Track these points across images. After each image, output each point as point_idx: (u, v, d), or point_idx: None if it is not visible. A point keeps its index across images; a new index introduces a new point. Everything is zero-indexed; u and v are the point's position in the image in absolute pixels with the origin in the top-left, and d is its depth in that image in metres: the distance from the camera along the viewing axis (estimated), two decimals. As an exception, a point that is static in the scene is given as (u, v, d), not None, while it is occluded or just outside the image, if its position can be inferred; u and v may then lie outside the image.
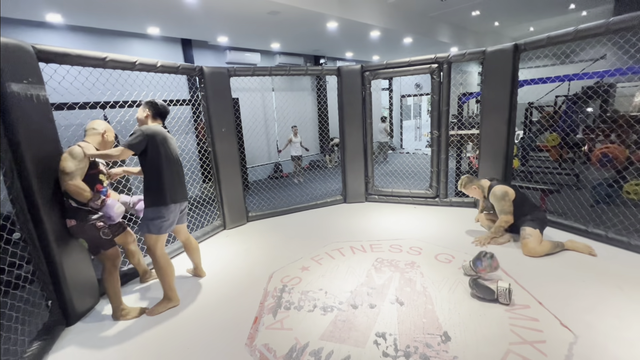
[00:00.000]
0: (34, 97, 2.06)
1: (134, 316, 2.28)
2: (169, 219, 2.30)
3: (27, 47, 2.07)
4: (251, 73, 3.93)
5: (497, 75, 3.63)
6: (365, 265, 2.85)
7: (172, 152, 2.33)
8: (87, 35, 5.20)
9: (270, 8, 4.83)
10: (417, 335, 1.94)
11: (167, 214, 2.28)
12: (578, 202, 3.66)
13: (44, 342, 2.01)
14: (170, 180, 2.28)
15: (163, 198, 2.24)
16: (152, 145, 2.18)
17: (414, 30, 7.38)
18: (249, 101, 7.02)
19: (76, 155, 2.08)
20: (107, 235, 2.21)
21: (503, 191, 3.01)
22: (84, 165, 2.12)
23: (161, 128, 2.30)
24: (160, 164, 2.22)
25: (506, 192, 3.01)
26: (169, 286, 2.35)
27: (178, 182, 2.35)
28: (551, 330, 1.92)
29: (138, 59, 2.79)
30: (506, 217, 3.01)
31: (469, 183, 3.27)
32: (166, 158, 2.25)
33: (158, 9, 4.54)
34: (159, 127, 2.30)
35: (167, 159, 2.26)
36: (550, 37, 3.12)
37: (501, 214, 3.04)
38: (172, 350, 1.98)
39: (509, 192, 3.01)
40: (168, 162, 2.26)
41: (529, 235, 2.85)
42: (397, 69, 4.24)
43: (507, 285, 2.16)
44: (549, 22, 9.39)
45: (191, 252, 2.74)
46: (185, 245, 2.70)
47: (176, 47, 6.41)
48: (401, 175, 6.02)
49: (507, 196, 2.99)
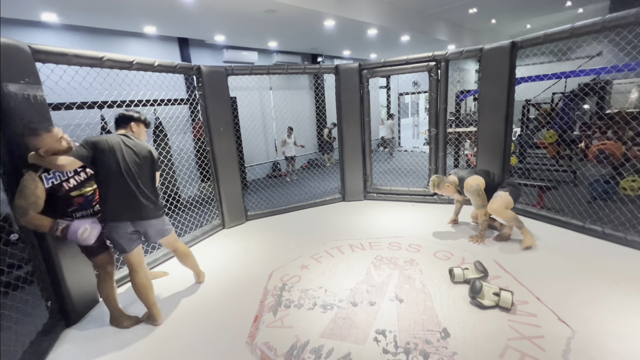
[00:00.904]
0: (31, 98, 2.05)
1: (125, 326, 2.19)
2: (121, 237, 2.06)
3: (24, 47, 2.06)
4: (249, 72, 3.92)
5: (494, 72, 3.64)
6: (364, 263, 2.86)
7: (124, 164, 2.01)
8: (84, 35, 5.17)
9: (267, 6, 4.82)
10: (416, 332, 1.96)
11: (115, 231, 2.05)
12: (575, 198, 3.69)
13: (44, 343, 2.01)
14: (116, 195, 2.01)
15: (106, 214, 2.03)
16: (97, 156, 1.95)
17: (411, 28, 7.38)
18: (247, 100, 7.01)
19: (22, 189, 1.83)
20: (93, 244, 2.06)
21: (476, 186, 3.03)
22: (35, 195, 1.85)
23: (113, 137, 2.04)
24: (105, 176, 1.99)
25: (478, 185, 3.04)
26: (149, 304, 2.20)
27: (128, 198, 2.03)
28: (549, 325, 1.94)
29: (135, 59, 2.78)
30: (483, 211, 3.06)
31: (441, 182, 3.23)
32: (109, 170, 1.98)
33: (155, 8, 4.51)
34: (111, 136, 2.06)
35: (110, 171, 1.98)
36: (547, 35, 3.14)
37: (478, 208, 3.09)
38: (173, 349, 1.99)
39: (481, 183, 3.06)
40: (114, 175, 1.99)
41: (497, 196, 2.99)
42: (395, 67, 4.24)
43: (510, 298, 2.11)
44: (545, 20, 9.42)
45: (181, 259, 2.55)
46: (174, 253, 2.52)
47: (173, 46, 6.38)
48: (399, 173, 6.03)
49: (480, 190, 3.04)
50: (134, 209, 2.06)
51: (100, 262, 2.17)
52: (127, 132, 2.18)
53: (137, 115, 2.25)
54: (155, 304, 2.22)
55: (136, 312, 2.32)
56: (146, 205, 2.10)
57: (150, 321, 2.23)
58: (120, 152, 2.02)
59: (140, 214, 2.08)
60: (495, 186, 3.12)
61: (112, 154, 1.98)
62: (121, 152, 2.02)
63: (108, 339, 2.11)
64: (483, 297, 2.15)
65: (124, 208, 2.03)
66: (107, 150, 1.97)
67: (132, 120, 2.22)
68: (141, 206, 2.08)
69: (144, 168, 2.11)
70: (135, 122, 2.23)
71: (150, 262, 3.05)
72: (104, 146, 1.97)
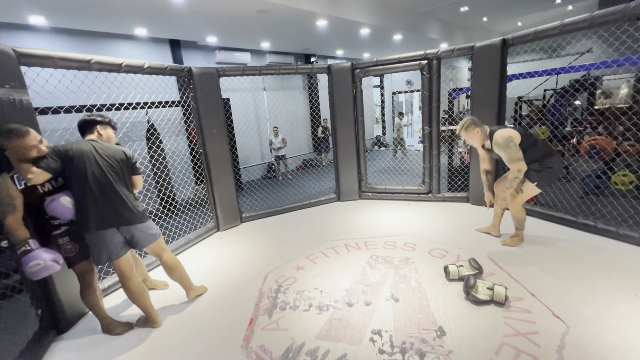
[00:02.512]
0: (16, 102, 2.02)
1: (118, 333, 2.15)
2: (107, 245, 2.00)
3: (8, 51, 2.02)
4: (241, 73, 3.89)
5: (486, 70, 3.66)
6: (360, 263, 2.85)
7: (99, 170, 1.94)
8: (72, 37, 5.10)
9: (258, 7, 4.79)
10: (412, 331, 1.95)
11: (101, 239, 1.98)
12: (567, 193, 3.71)
13: (34, 352, 1.97)
14: (95, 203, 1.93)
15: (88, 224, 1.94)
16: (68, 165, 1.89)
17: (403, 27, 7.40)
18: (240, 101, 6.97)
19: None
20: (70, 252, 2.01)
21: (506, 136, 2.54)
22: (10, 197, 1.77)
23: (84, 143, 1.97)
24: (80, 184, 1.92)
25: (509, 136, 2.55)
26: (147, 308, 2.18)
27: (109, 205, 1.96)
28: (544, 321, 1.95)
29: (124, 61, 2.74)
30: (517, 165, 2.53)
31: (471, 125, 2.72)
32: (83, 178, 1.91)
33: (145, 9, 4.46)
34: (82, 142, 1.99)
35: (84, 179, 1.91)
36: (537, 32, 3.15)
37: (510, 163, 2.57)
38: (168, 353, 1.96)
39: (513, 135, 2.57)
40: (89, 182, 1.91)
41: (520, 191, 2.68)
42: (387, 66, 4.25)
43: (503, 292, 2.12)
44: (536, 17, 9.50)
45: (168, 271, 2.35)
46: (161, 264, 2.36)
47: (164, 48, 6.32)
48: (394, 172, 6.04)
49: (511, 141, 2.54)
50: (117, 214, 1.99)
51: (79, 271, 2.08)
52: (94, 137, 2.08)
53: (101, 119, 2.13)
54: (152, 306, 2.20)
55: (132, 319, 2.29)
56: (129, 210, 2.03)
57: (149, 324, 2.20)
58: (92, 158, 1.93)
59: (124, 219, 2.01)
60: (535, 157, 2.60)
61: (83, 161, 1.90)
62: (94, 158, 1.94)
63: (100, 346, 2.08)
64: (477, 292, 2.15)
65: (106, 215, 1.96)
66: (78, 157, 1.89)
67: (97, 124, 2.10)
68: (124, 211, 2.01)
69: (120, 172, 2.04)
70: (101, 126, 2.12)
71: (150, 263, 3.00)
72: (74, 154, 1.89)
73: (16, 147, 1.75)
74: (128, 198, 2.05)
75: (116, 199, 1.99)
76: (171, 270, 2.34)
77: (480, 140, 2.77)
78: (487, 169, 3.06)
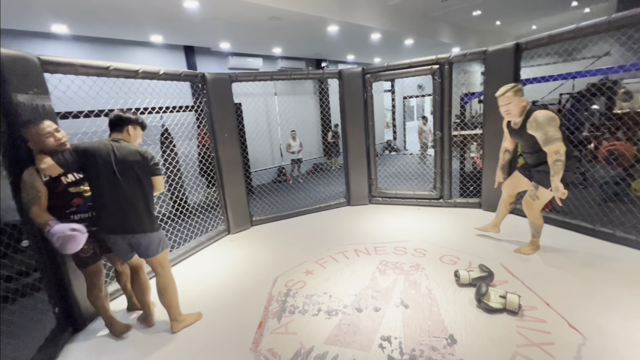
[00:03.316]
0: (39, 107, 2.10)
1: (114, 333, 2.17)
2: (115, 248, 2.06)
3: (33, 59, 2.11)
4: (252, 78, 3.95)
5: (499, 74, 3.61)
6: (369, 268, 2.84)
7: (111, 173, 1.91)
8: (92, 45, 5.29)
9: (271, 14, 4.87)
10: (422, 339, 1.93)
11: (109, 242, 2.04)
12: (585, 200, 3.61)
13: (51, 349, 2.03)
14: (104, 206, 1.96)
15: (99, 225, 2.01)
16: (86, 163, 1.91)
17: (415, 32, 7.38)
18: (252, 106, 7.07)
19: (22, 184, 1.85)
20: (85, 253, 2.01)
21: (549, 115, 2.32)
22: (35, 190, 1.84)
23: (104, 144, 1.96)
24: (95, 184, 1.95)
25: (553, 116, 2.33)
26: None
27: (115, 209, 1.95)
28: (559, 331, 1.90)
29: (141, 67, 2.83)
30: (556, 146, 2.27)
31: (520, 91, 2.48)
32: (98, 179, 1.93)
33: (161, 17, 4.60)
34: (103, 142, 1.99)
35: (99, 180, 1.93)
36: (551, 36, 3.11)
37: (547, 143, 2.30)
38: (178, 355, 1.99)
39: (556, 117, 2.34)
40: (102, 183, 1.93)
41: (536, 198, 2.57)
42: (398, 71, 4.24)
43: (517, 301, 2.08)
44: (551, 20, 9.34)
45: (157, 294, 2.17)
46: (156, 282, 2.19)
47: (179, 54, 6.48)
48: (405, 177, 6.00)
49: (553, 120, 2.31)
50: (121, 222, 1.96)
51: (88, 274, 2.09)
52: (122, 136, 2.06)
53: (135, 118, 2.11)
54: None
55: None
56: (134, 218, 1.97)
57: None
58: (108, 160, 1.91)
59: (126, 227, 1.97)
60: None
61: (97, 162, 1.90)
62: (110, 160, 1.91)
63: (112, 345, 2.13)
64: (489, 299, 2.11)
65: (111, 221, 1.96)
66: (93, 157, 1.90)
67: (130, 124, 2.08)
68: (129, 219, 1.96)
69: (134, 175, 1.97)
70: (133, 126, 2.10)
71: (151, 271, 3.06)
72: (91, 153, 1.90)
73: (34, 136, 1.85)
74: (137, 205, 1.98)
75: (123, 206, 1.95)
76: (160, 294, 2.15)
77: (520, 111, 2.50)
78: (508, 148, 2.93)
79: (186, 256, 3.41)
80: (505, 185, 3.02)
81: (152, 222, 2.06)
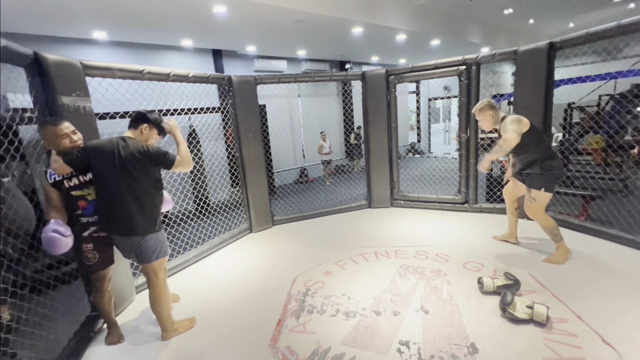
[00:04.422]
0: (81, 109, 2.26)
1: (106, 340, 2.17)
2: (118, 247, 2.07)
3: (76, 64, 2.28)
4: (277, 80, 4.03)
5: (530, 75, 3.46)
6: (389, 272, 2.80)
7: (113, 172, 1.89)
8: (127, 50, 5.60)
9: (296, 17, 4.94)
10: (442, 346, 1.88)
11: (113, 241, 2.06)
12: (625, 209, 3.38)
13: (86, 333, 2.17)
14: (105, 206, 1.96)
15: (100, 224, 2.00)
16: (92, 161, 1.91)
17: (442, 32, 7.22)
18: (275, 107, 7.19)
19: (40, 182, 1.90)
20: (89, 261, 2.01)
21: (515, 117, 2.59)
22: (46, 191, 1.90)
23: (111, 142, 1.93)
24: (98, 183, 1.95)
25: (519, 118, 2.58)
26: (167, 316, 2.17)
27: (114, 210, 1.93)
28: (592, 347, 1.79)
29: (172, 71, 2.97)
30: (507, 135, 2.52)
31: (486, 107, 2.75)
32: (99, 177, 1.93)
33: (191, 22, 4.80)
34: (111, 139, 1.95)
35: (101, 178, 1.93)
36: (589, 34, 2.94)
37: (503, 132, 2.59)
38: (200, 347, 2.07)
39: (523, 119, 2.58)
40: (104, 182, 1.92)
41: (532, 200, 2.68)
42: (423, 72, 4.17)
43: (545, 312, 1.98)
44: (591, 17, 8.79)
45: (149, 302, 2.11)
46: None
47: (207, 58, 6.72)
48: (428, 180, 5.87)
49: (517, 120, 2.57)
50: (117, 223, 1.95)
51: (94, 278, 2.10)
52: (135, 133, 2.04)
53: (154, 118, 2.07)
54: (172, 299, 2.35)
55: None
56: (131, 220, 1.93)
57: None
58: (112, 158, 1.88)
59: (122, 228, 1.95)
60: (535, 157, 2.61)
61: (103, 160, 1.89)
62: (114, 158, 1.88)
63: (142, 332, 2.24)
64: (515, 309, 2.03)
65: (109, 221, 1.96)
66: (97, 155, 1.90)
67: (147, 123, 2.05)
68: (125, 221, 1.93)
69: (137, 174, 1.92)
70: (149, 126, 2.06)
71: (177, 265, 3.20)
72: (95, 151, 1.90)
73: (51, 136, 1.85)
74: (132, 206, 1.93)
75: (119, 206, 1.92)
76: (151, 303, 2.09)
77: (490, 124, 2.79)
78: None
79: (210, 252, 3.53)
80: (505, 192, 3.16)
81: (151, 224, 1.98)
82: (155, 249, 2.01)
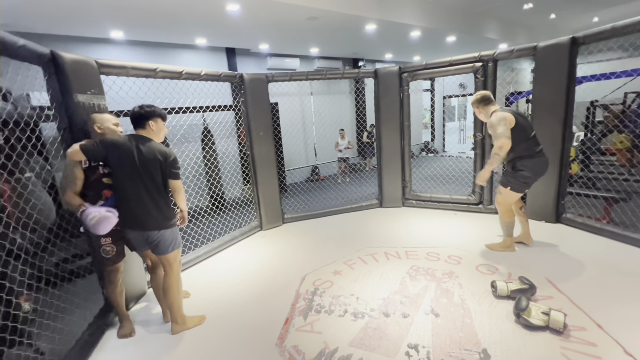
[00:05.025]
0: (95, 106, 2.31)
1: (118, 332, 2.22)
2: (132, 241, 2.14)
3: (92, 62, 2.33)
4: (288, 78, 4.02)
5: (550, 72, 3.32)
6: (399, 273, 2.76)
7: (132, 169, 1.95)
8: (143, 48, 5.70)
9: (309, 14, 4.91)
10: (452, 350, 1.83)
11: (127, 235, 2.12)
12: (651, 213, 3.21)
13: (100, 325, 2.23)
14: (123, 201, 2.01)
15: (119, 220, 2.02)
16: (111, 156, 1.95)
17: (458, 28, 7.04)
18: (287, 105, 7.19)
19: (64, 169, 1.95)
20: (107, 254, 2.07)
21: (500, 116, 2.61)
22: (73, 175, 1.94)
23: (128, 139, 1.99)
24: (116, 179, 2.00)
25: (503, 117, 2.60)
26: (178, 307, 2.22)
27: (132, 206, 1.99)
28: (612, 358, 1.70)
29: (184, 69, 3.00)
30: (499, 142, 2.55)
31: (476, 102, 2.81)
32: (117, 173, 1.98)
33: (206, 20, 4.84)
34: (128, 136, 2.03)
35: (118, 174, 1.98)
36: (615, 28, 2.79)
37: (495, 139, 2.61)
38: (207, 344, 2.08)
39: (507, 117, 2.59)
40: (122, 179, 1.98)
41: (500, 193, 2.86)
42: (437, 70, 4.07)
43: (562, 319, 1.90)
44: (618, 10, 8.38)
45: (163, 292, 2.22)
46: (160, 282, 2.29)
47: (221, 56, 6.77)
48: (441, 180, 5.75)
49: (503, 120, 2.58)
50: (134, 217, 2.01)
51: (107, 272, 2.16)
52: (145, 132, 2.06)
53: (152, 110, 2.07)
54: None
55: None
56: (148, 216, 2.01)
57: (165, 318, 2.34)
58: (130, 157, 1.94)
59: (139, 224, 2.02)
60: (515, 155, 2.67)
61: (122, 157, 1.94)
62: (132, 157, 1.94)
63: (151, 327, 2.28)
64: (530, 315, 1.95)
65: (127, 216, 2.01)
66: (116, 152, 1.94)
67: (150, 118, 2.05)
68: (143, 216, 2.00)
69: (154, 176, 1.99)
70: (153, 120, 2.07)
71: (189, 261, 3.24)
72: (115, 147, 1.94)
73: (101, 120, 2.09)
74: (151, 203, 2.01)
75: (138, 203, 1.99)
76: (164, 293, 2.19)
77: (485, 116, 2.84)
78: None
79: (220, 249, 3.56)
80: None
81: (166, 220, 2.07)
82: (171, 242, 2.11)
